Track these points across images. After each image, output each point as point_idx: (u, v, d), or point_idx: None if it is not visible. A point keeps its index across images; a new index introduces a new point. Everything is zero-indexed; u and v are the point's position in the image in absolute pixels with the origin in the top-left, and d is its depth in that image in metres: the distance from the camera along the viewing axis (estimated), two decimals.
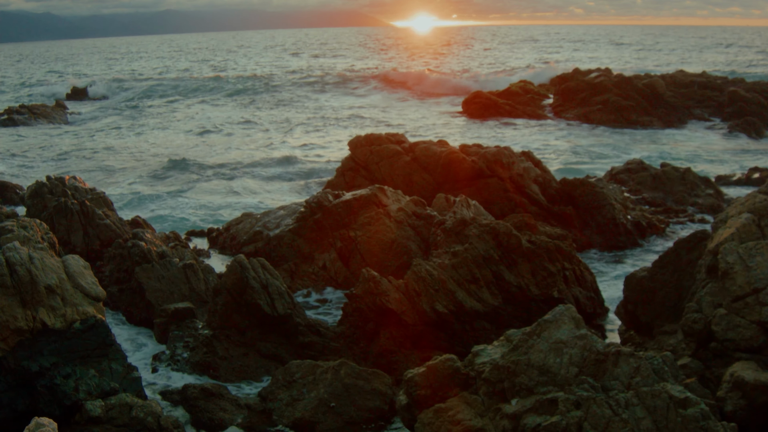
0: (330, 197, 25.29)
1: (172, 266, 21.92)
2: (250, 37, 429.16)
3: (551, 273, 19.11)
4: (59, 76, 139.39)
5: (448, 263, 18.68)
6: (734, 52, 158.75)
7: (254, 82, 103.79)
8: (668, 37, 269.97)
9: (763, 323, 13.25)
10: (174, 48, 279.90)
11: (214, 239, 28.84)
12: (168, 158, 47.83)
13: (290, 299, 18.64)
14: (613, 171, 36.76)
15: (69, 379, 14.07)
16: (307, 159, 48.18)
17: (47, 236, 18.74)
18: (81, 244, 24.53)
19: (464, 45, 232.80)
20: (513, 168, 29.66)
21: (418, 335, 17.80)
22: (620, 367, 11.39)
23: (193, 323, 19.27)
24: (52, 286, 14.42)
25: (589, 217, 28.34)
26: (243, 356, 17.94)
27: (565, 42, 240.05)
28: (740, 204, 17.02)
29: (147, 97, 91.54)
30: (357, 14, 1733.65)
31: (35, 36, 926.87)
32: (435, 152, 30.58)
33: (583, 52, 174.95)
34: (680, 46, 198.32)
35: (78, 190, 26.96)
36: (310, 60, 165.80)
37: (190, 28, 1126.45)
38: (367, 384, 15.64)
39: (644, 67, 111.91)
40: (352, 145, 32.62)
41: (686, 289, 16.64)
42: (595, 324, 19.60)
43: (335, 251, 24.00)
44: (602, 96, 64.71)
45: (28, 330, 13.97)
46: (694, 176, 34.31)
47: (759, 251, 14.00)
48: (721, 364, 13.68)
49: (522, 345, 12.26)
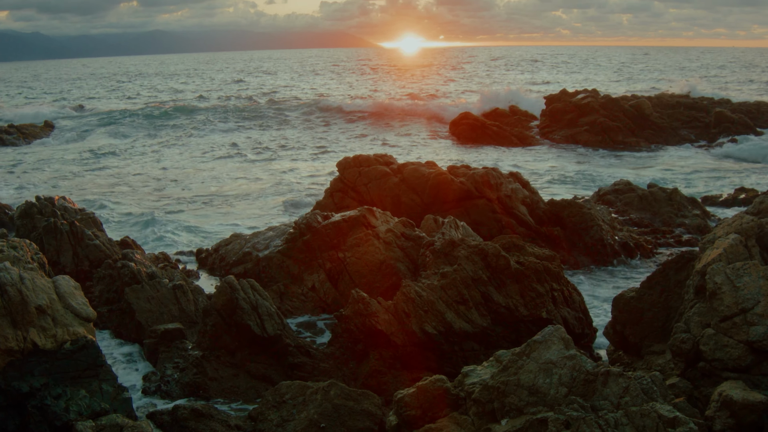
0: (319, 218, 25.35)
1: (161, 287, 21.92)
2: (232, 58, 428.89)
3: (540, 294, 19.19)
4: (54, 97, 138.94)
5: (437, 284, 18.74)
6: (724, 75, 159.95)
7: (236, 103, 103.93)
8: (654, 57, 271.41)
9: (751, 343, 13.35)
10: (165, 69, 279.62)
11: (203, 260, 28.84)
12: (156, 180, 47.85)
13: (280, 320, 18.67)
14: (601, 192, 36.95)
15: (60, 400, 14.04)
16: (295, 181, 48.30)
17: (37, 256, 18.71)
18: (70, 265, 24.52)
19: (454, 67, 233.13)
20: (501, 189, 29.80)
21: (408, 356, 17.83)
22: (609, 387, 11.46)
23: (183, 344, 19.25)
24: (42, 307, 14.42)
25: (577, 238, 28.49)
26: (233, 377, 17.94)
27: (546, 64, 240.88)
28: (727, 225, 17.17)
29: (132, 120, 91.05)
30: (345, 35, 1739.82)
31: (24, 56, 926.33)
32: (423, 173, 30.69)
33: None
34: (666, 66, 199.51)
35: (67, 211, 26.97)
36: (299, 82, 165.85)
37: (179, 49, 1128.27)
38: (357, 405, 15.65)
39: (631, 88, 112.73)
40: (341, 167, 32.70)
41: (674, 310, 16.75)
42: (584, 344, 19.66)
43: (324, 272, 24.03)
44: (589, 117, 65.17)
45: (18, 350, 13.95)
46: (681, 197, 34.53)
47: (746, 271, 14.12)
48: (710, 383, 13.76)
49: (512, 365, 12.31)
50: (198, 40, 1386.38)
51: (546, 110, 73.19)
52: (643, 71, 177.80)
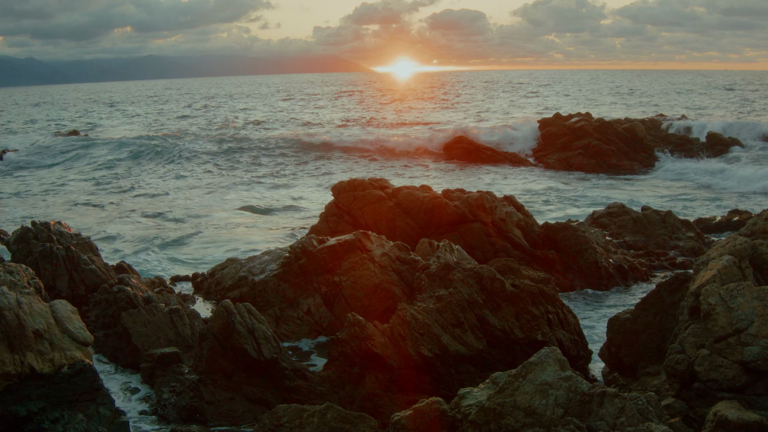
0: (314, 242, 25.42)
1: (158, 311, 21.94)
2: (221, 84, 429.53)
3: (535, 316, 19.26)
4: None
5: (433, 307, 18.81)
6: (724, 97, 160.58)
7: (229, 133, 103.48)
8: (647, 81, 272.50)
9: (746, 363, 13.44)
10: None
11: (199, 284, 28.85)
12: (142, 210, 47.92)
13: (276, 344, 18.70)
14: (595, 215, 37.08)
15: (57, 424, 14.07)
16: (289, 204, 48.45)
17: (33, 281, 18.77)
18: (66, 289, 24.53)
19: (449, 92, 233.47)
20: (495, 213, 29.93)
21: (404, 379, 17.87)
22: (605, 408, 11.53)
23: (179, 368, 19.25)
24: (40, 331, 14.48)
25: (571, 261, 28.59)
26: (229, 401, 17.95)
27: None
28: (721, 246, 17.31)
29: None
30: (338, 60, 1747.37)
31: (18, 81, 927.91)
32: (418, 197, 30.83)
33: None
34: (660, 90, 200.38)
35: (63, 235, 26.99)
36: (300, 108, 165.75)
37: (173, 74, 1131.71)
38: (353, 427, 15.66)
39: (625, 111, 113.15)
40: (336, 191, 32.83)
41: (669, 331, 16.84)
42: (580, 366, 19.70)
43: (320, 296, 24.09)
44: (583, 141, 65.49)
45: (15, 374, 13.98)
46: (674, 219, 34.68)
47: (740, 292, 14.24)
48: (705, 403, 13.84)
49: (508, 387, 12.38)
50: (192, 65, 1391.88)
51: (540, 134, 73.61)
52: (642, 94, 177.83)
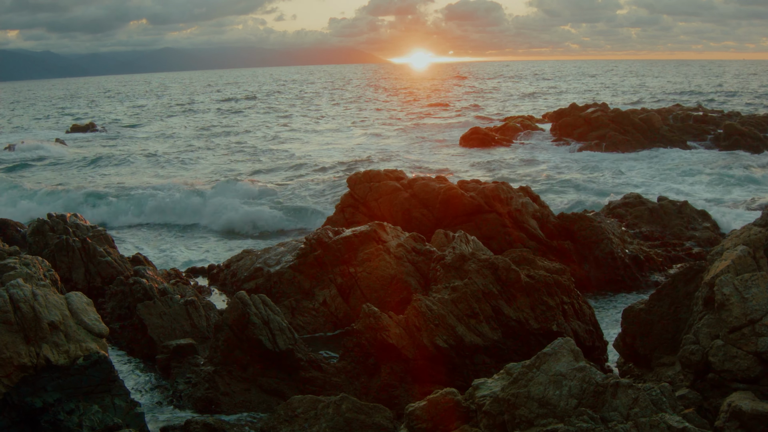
0: (330, 234, 25.43)
1: (173, 303, 22.03)
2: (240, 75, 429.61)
3: (550, 307, 19.22)
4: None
5: (448, 298, 18.80)
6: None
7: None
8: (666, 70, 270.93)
9: (760, 354, 13.38)
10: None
11: (214, 276, 28.95)
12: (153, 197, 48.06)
13: (291, 335, 18.73)
14: (611, 205, 36.94)
15: (73, 415, 14.16)
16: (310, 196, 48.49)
17: (49, 273, 18.88)
18: (82, 281, 24.67)
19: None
20: (511, 203, 29.85)
21: (419, 370, 17.88)
22: (619, 399, 11.49)
23: (194, 359, 19.34)
24: (55, 323, 14.55)
25: (587, 252, 28.49)
26: (245, 392, 18.00)
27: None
28: (735, 236, 17.21)
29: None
30: (354, 51, 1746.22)
31: (34, 74, 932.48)
32: (433, 188, 30.78)
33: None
34: (678, 80, 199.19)
35: (79, 228, 27.14)
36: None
37: (188, 66, 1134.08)
38: (368, 418, 15.70)
39: (640, 100, 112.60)
40: (351, 182, 32.82)
41: (683, 321, 16.77)
42: (595, 357, 19.66)
43: (335, 287, 24.11)
44: (599, 131, 65.18)
45: (31, 366, 14.07)
46: (690, 210, 34.52)
47: (754, 283, 14.16)
48: (719, 394, 13.78)
49: (522, 378, 12.36)
50: (208, 57, 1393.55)
51: (556, 124, 73.37)
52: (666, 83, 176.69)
